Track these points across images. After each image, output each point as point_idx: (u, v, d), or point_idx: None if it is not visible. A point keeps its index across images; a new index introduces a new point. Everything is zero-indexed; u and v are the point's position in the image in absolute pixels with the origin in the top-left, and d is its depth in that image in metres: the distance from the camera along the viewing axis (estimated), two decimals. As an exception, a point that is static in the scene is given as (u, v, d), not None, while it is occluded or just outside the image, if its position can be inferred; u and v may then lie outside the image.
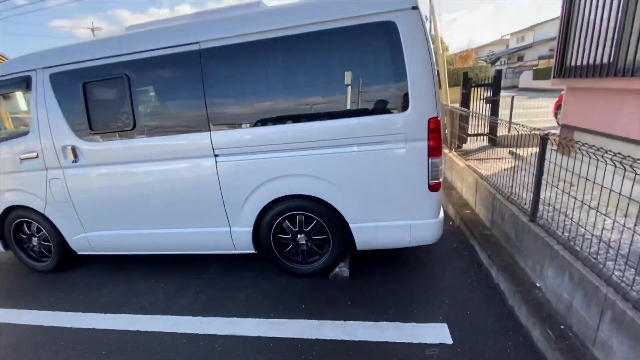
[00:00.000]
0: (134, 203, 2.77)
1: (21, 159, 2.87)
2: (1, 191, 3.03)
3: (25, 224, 3.17)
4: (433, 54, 2.21)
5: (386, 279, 2.61)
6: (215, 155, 2.50)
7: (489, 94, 5.00)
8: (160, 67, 2.51)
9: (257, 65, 2.35)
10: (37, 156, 2.83)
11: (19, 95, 2.92)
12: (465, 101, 5.09)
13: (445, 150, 4.71)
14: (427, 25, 2.48)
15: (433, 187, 2.29)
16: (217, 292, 2.64)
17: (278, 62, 2.34)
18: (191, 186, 2.61)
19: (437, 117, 2.18)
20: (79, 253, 3.14)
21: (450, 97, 6.16)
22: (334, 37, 2.20)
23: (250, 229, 2.62)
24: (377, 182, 2.33)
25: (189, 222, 2.73)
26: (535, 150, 2.33)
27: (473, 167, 3.59)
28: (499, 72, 4.94)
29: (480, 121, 4.58)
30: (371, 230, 2.46)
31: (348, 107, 2.29)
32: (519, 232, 2.38)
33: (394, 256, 2.88)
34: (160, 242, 2.86)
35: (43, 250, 3.23)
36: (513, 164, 3.14)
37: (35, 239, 3.20)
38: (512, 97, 5.09)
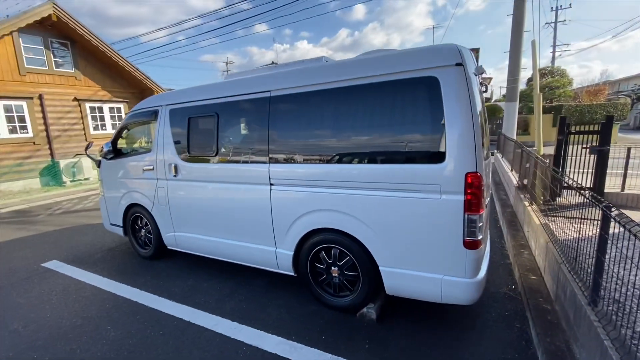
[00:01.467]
0: (206, 213, 3.40)
1: (143, 169, 3.86)
2: (130, 190, 4.09)
3: (138, 218, 4.17)
4: (478, 108, 2.17)
5: (415, 332, 2.50)
6: (271, 184, 2.91)
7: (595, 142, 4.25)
8: (239, 109, 3.11)
9: (308, 112, 2.71)
10: (152, 168, 3.76)
11: (150, 123, 3.94)
12: (560, 149, 4.44)
13: (526, 203, 4.18)
14: (477, 79, 2.43)
15: (469, 245, 2.17)
16: (256, 305, 2.97)
17: (327, 110, 2.64)
18: (250, 206, 3.07)
19: (475, 172, 2.10)
20: (168, 247, 3.94)
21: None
22: (380, 89, 2.39)
23: (292, 252, 2.90)
24: (409, 229, 2.34)
25: (245, 237, 3.17)
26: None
27: (546, 227, 3.12)
28: (609, 118, 4.16)
29: (578, 174, 3.93)
30: (401, 277, 2.44)
31: (386, 153, 2.41)
32: (576, 314, 2.01)
33: (431, 310, 2.73)
34: (221, 249, 3.39)
35: (146, 240, 4.17)
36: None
37: (143, 230, 4.17)
38: (629, 149, 4.20)
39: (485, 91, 3.05)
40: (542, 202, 4.09)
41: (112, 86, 11.97)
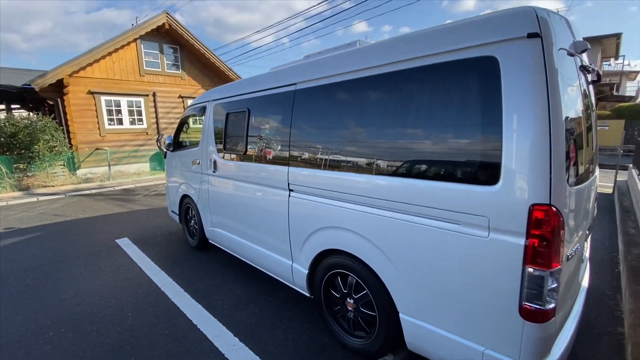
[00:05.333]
0: (235, 212, 3.27)
1: (192, 163, 3.98)
2: (184, 182, 4.29)
3: (190, 209, 4.36)
4: (568, 104, 1.38)
5: (441, 409, 1.83)
6: (290, 190, 2.56)
7: None
8: (268, 104, 2.84)
9: (327, 108, 2.26)
10: (199, 163, 3.84)
11: (202, 118, 4.03)
12: None
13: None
14: (576, 61, 1.58)
15: (529, 315, 1.42)
16: (266, 322, 2.68)
17: (345, 107, 2.15)
18: (270, 212, 2.79)
19: (549, 205, 1.34)
20: (209, 241, 4.00)
21: None
22: (410, 78, 1.78)
23: (307, 271, 2.50)
24: (442, 272, 1.68)
25: (265, 244, 2.92)
26: None
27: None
28: None
29: None
30: (425, 333, 1.80)
31: (416, 164, 1.78)
32: None
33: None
34: (247, 252, 3.21)
35: (194, 231, 4.33)
36: None
37: (192, 221, 4.34)
38: None
39: (598, 81, 2.07)
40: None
41: (209, 85, 13.40)
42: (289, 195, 2.56)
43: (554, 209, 1.34)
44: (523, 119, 1.37)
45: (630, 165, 7.74)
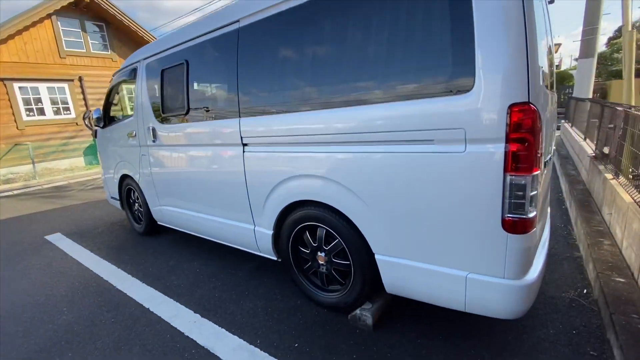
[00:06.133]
0: (183, 183, 2.89)
1: (128, 136, 3.45)
2: (121, 160, 3.74)
3: (131, 191, 3.84)
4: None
5: (425, 349, 1.74)
6: (244, 145, 2.27)
7: None
8: (208, 51, 2.46)
9: (280, 41, 1.98)
10: (135, 134, 3.33)
11: (133, 83, 3.49)
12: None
13: (608, 175, 3.04)
14: None
15: (513, 226, 1.33)
16: (230, 294, 2.41)
17: (300, 36, 1.89)
18: (223, 174, 2.48)
19: (527, 102, 1.23)
20: (158, 223, 3.55)
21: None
22: None
23: (271, 232, 2.26)
24: (417, 200, 1.55)
25: (222, 212, 2.61)
26: None
27: (647, 207, 2.08)
28: None
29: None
30: (404, 270, 1.68)
31: (383, 87, 1.60)
32: None
33: (457, 319, 1.93)
34: (202, 225, 2.87)
35: (139, 215, 3.84)
36: None
37: (136, 204, 3.83)
38: None
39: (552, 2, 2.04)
40: (632, 174, 2.93)
41: (147, 67, 12.18)
42: (243, 152, 2.27)
43: (533, 106, 1.24)
44: (496, 14, 1.23)
45: (563, 121, 8.48)
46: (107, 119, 3.88)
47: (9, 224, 4.84)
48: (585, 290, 2.17)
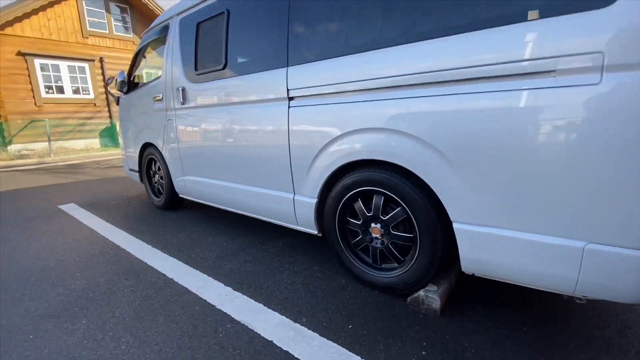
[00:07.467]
0: (210, 149, 2.64)
1: (154, 100, 3.22)
2: (144, 127, 3.51)
3: (153, 162, 3.60)
4: None
5: (511, 342, 1.44)
6: (290, 98, 2.00)
7: None
8: (255, -5, 2.20)
9: None
10: (161, 98, 3.10)
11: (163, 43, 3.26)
12: None
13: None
14: None
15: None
16: (263, 269, 2.14)
17: None
18: (260, 138, 2.21)
19: None
20: (180, 196, 3.31)
21: None
22: None
23: (315, 200, 1.98)
24: (523, 152, 1.24)
25: (257, 180, 2.33)
26: None
27: None
28: None
29: None
30: (493, 243, 1.37)
31: (487, 9, 1.31)
32: None
33: (544, 310, 1.62)
34: (231, 196, 2.59)
35: (160, 188, 3.60)
36: None
37: (157, 176, 3.60)
38: None
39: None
40: None
41: (167, 53, 12.10)
42: (289, 107, 2.00)
43: None
44: None
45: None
46: (131, 84, 3.66)
47: (21, 194, 4.68)
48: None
